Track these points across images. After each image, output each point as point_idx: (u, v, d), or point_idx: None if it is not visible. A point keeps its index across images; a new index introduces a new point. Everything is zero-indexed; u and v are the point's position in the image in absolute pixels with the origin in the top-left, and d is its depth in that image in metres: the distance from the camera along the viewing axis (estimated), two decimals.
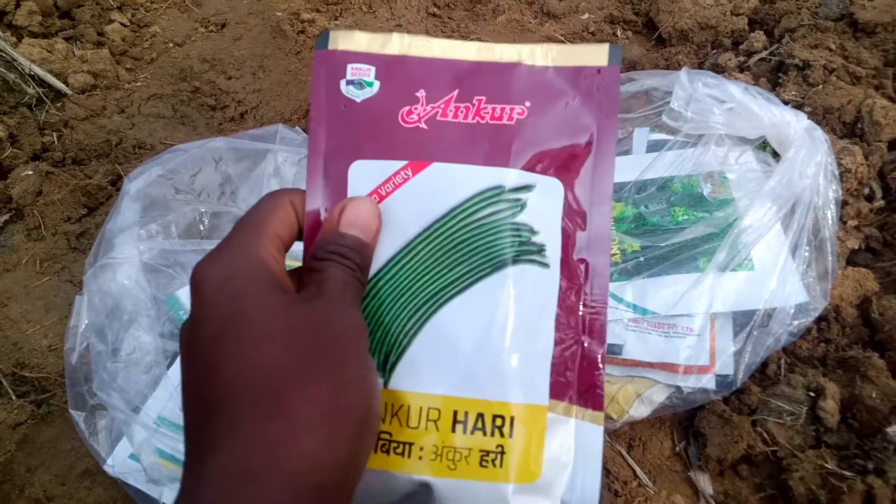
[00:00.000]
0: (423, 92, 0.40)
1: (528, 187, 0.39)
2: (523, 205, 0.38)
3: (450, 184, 0.39)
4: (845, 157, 0.85)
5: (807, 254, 0.74)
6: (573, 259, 0.39)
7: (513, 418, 0.36)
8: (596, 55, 0.40)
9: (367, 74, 0.40)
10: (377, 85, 0.40)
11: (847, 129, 0.94)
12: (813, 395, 0.71)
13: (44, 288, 0.96)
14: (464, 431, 0.36)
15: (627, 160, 0.90)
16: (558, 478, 0.37)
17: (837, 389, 0.71)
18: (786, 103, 0.81)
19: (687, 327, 0.74)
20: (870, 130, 0.91)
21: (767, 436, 0.70)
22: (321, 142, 0.40)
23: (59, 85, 1.20)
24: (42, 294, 0.95)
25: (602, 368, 0.38)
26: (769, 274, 0.73)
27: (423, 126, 0.40)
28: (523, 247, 0.38)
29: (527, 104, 0.40)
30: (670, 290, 0.75)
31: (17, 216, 1.05)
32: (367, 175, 0.39)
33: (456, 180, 0.39)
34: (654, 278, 0.77)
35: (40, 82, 1.19)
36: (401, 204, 0.39)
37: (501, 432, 0.36)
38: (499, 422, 0.36)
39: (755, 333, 0.72)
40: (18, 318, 0.92)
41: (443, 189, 0.39)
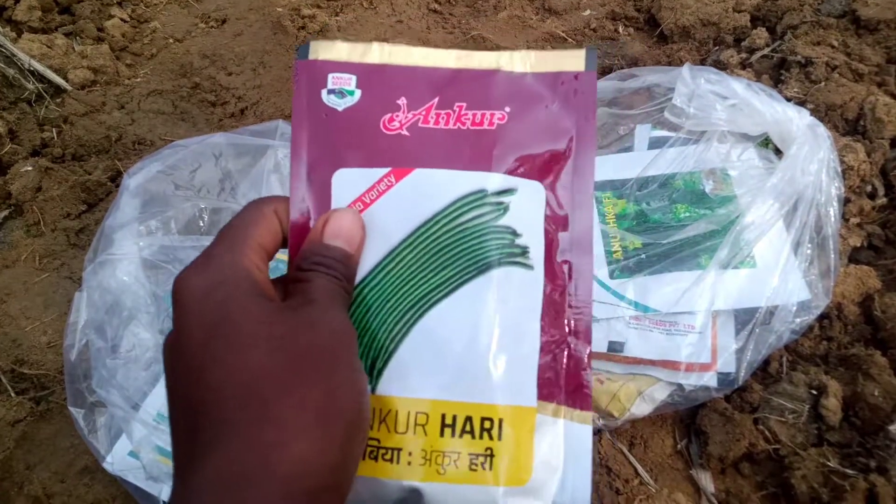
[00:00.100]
0: (404, 99, 0.40)
1: (511, 191, 0.39)
2: (506, 208, 0.39)
3: (433, 189, 0.39)
4: (848, 155, 0.85)
5: (809, 251, 0.74)
6: (557, 260, 0.39)
7: (501, 420, 0.36)
8: (573, 61, 0.40)
9: (347, 83, 0.41)
10: (358, 93, 0.40)
11: (849, 126, 0.93)
12: (815, 392, 0.71)
13: (43, 284, 0.96)
14: (452, 435, 0.36)
15: (629, 157, 0.89)
16: (549, 480, 0.37)
17: (839, 387, 0.71)
18: (788, 100, 0.81)
19: (688, 325, 0.74)
20: (872, 128, 0.91)
21: (769, 434, 0.70)
22: (303, 151, 0.40)
23: (58, 80, 1.20)
24: (41, 290, 0.95)
25: (589, 368, 0.38)
26: (771, 271, 0.73)
27: (405, 133, 0.40)
28: (507, 249, 0.38)
29: (507, 109, 0.40)
30: (672, 288, 0.75)
31: (17, 212, 1.05)
32: (350, 183, 0.39)
33: (439, 186, 0.39)
34: (655, 276, 0.76)
35: (40, 78, 1.18)
36: (385, 211, 0.39)
37: (490, 435, 0.36)
38: (487, 424, 0.36)
39: (757, 331, 0.72)
40: (17, 315, 0.92)
41: (426, 195, 0.39)
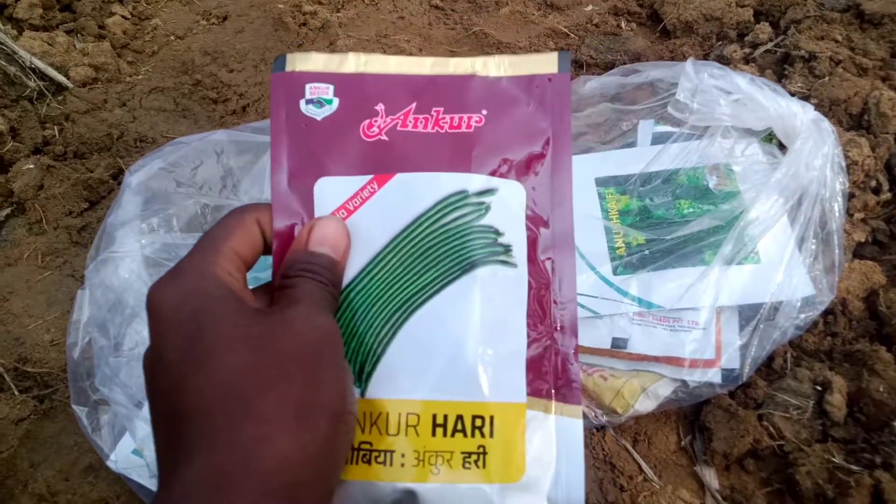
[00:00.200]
0: (381, 105, 0.41)
1: (491, 191, 0.40)
2: (487, 208, 0.39)
3: (415, 192, 0.40)
4: (852, 150, 0.85)
5: (813, 246, 0.73)
6: (540, 258, 0.40)
7: (492, 417, 0.37)
8: (546, 64, 0.41)
9: (325, 93, 0.41)
10: (336, 102, 0.41)
11: (854, 121, 0.93)
12: (819, 388, 0.71)
13: (45, 282, 0.96)
14: (444, 434, 0.36)
15: (632, 153, 0.89)
16: (543, 475, 0.37)
17: (844, 383, 0.71)
18: (792, 95, 0.81)
19: (692, 321, 0.74)
20: (877, 122, 0.90)
21: (774, 430, 0.69)
22: (283, 160, 0.41)
23: (60, 78, 1.20)
24: (44, 288, 0.95)
25: (577, 363, 0.39)
26: (775, 267, 0.73)
27: (385, 138, 0.40)
28: (490, 248, 0.39)
29: (483, 112, 0.41)
30: (676, 284, 0.74)
31: (19, 210, 1.05)
32: (333, 192, 0.40)
33: (420, 189, 0.40)
34: (659, 272, 0.76)
35: (41, 75, 1.18)
36: (368, 217, 0.39)
37: (482, 432, 0.36)
38: (478, 422, 0.36)
39: (761, 327, 0.71)
40: (20, 313, 0.92)
41: (408, 198, 0.39)
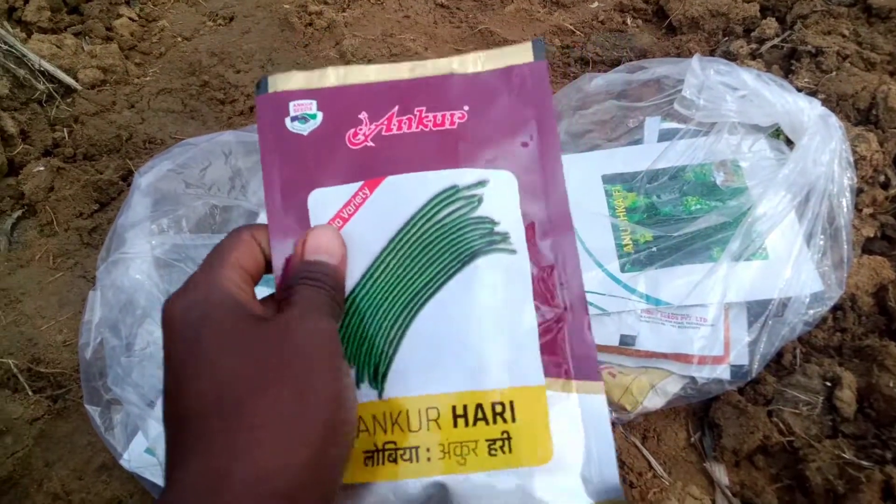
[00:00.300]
0: (364, 114, 0.42)
1: (482, 182, 0.40)
2: (480, 199, 0.40)
3: (406, 193, 0.40)
4: (860, 145, 0.85)
5: (822, 242, 0.73)
6: (539, 242, 0.40)
7: (512, 403, 0.37)
8: (522, 54, 0.42)
9: (309, 108, 0.42)
10: (321, 116, 0.42)
11: (861, 115, 0.93)
12: (829, 384, 0.71)
13: (57, 283, 0.97)
14: (466, 425, 0.37)
15: (639, 149, 0.89)
16: (573, 455, 0.37)
17: (854, 379, 0.70)
18: (799, 91, 0.80)
19: (701, 317, 0.74)
20: (885, 117, 0.90)
21: (783, 426, 0.69)
22: (276, 177, 0.41)
23: (68, 80, 1.21)
24: (56, 290, 0.96)
25: (591, 339, 0.39)
26: (784, 263, 0.73)
27: (371, 144, 0.41)
28: (487, 238, 0.39)
29: (465, 108, 0.41)
30: (683, 281, 0.74)
31: (30, 212, 1.06)
32: (326, 202, 0.41)
33: (412, 189, 0.40)
34: (666, 268, 0.76)
35: (50, 78, 1.19)
36: (364, 222, 0.40)
37: (504, 418, 0.37)
38: (499, 409, 0.37)
39: (770, 323, 0.71)
40: (33, 314, 0.93)
41: (400, 200, 0.40)
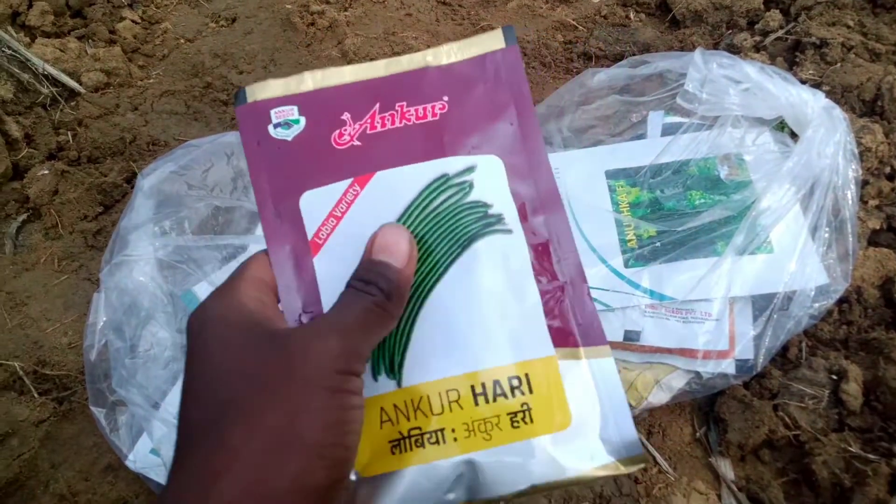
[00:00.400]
0: (347, 114, 0.42)
1: (470, 168, 0.41)
2: (470, 185, 0.41)
3: (398, 186, 0.41)
4: (865, 136, 0.84)
5: (827, 235, 0.73)
6: (532, 219, 0.41)
7: (527, 375, 0.38)
8: (493, 41, 0.43)
9: (291, 114, 0.42)
10: (303, 120, 0.42)
11: (867, 107, 0.92)
12: (835, 378, 0.70)
13: (62, 286, 0.97)
14: (486, 401, 0.38)
15: (642, 144, 0.89)
16: (590, 418, 0.38)
17: (860, 372, 0.70)
18: (803, 83, 0.80)
19: (705, 312, 0.73)
20: (890, 108, 0.89)
21: (789, 420, 0.69)
22: (265, 185, 0.42)
23: (72, 84, 1.21)
24: (61, 292, 0.96)
25: (592, 306, 0.40)
26: (789, 256, 0.72)
27: (357, 143, 0.42)
28: (482, 221, 0.40)
29: (445, 98, 0.42)
30: (688, 275, 0.74)
31: (35, 216, 1.06)
32: (318, 203, 0.41)
33: (402, 182, 0.41)
34: (670, 263, 0.76)
35: (54, 82, 1.19)
36: (359, 218, 0.41)
37: (521, 391, 0.38)
38: (515, 382, 0.38)
39: (775, 317, 0.71)
40: (38, 317, 0.93)
41: (392, 193, 0.41)
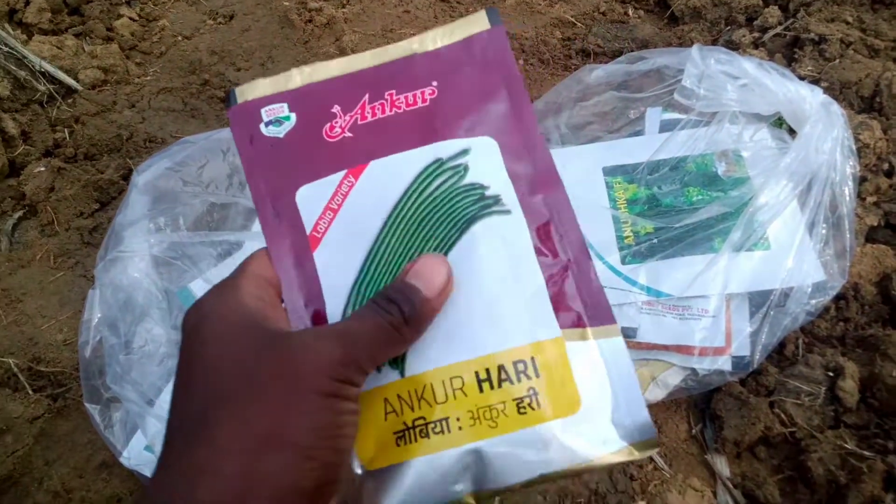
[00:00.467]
0: (337, 107, 0.42)
1: (465, 151, 0.41)
2: (466, 167, 0.40)
3: (392, 174, 0.41)
4: (863, 132, 0.84)
5: (824, 231, 0.72)
6: (531, 199, 0.40)
7: (533, 359, 0.37)
8: (477, 23, 0.43)
9: (281, 111, 0.42)
10: (294, 117, 0.42)
11: (865, 103, 0.92)
12: (832, 374, 0.70)
13: (58, 283, 0.97)
14: (491, 388, 0.37)
15: (640, 140, 0.89)
16: (601, 401, 0.37)
17: (857, 369, 0.70)
18: (802, 79, 0.79)
19: (702, 309, 0.73)
20: (889, 104, 0.89)
21: (785, 417, 0.69)
22: (261, 184, 0.42)
23: (69, 81, 1.21)
24: (56, 289, 0.96)
25: (599, 283, 0.39)
26: (786, 253, 0.72)
27: (349, 134, 0.42)
28: (480, 203, 0.40)
29: (434, 84, 0.42)
30: (685, 272, 0.74)
31: (31, 212, 1.06)
32: (314, 197, 0.41)
33: (397, 169, 0.41)
34: (667, 260, 0.75)
35: (51, 79, 1.19)
36: (355, 209, 0.40)
37: (527, 375, 0.37)
38: (521, 367, 0.37)
39: (772, 313, 0.71)
40: (34, 314, 0.93)
41: (388, 181, 0.40)
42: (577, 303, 0.39)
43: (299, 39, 1.29)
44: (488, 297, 0.38)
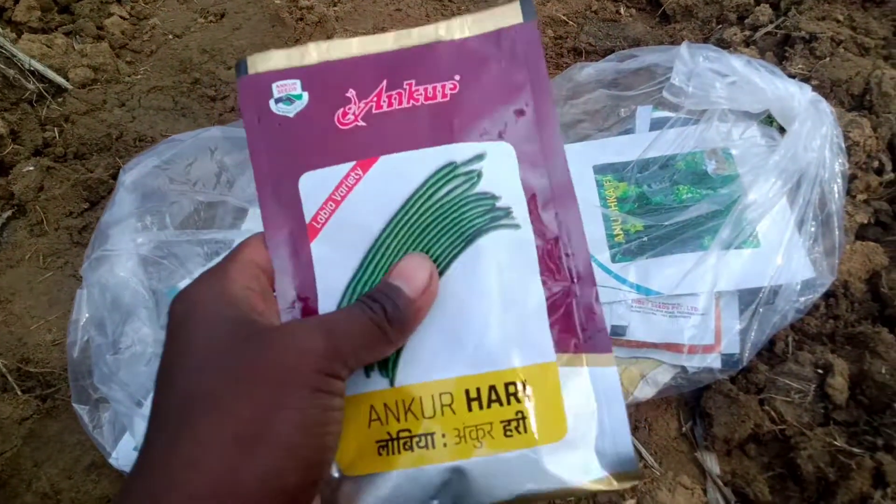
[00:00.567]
0: (352, 91, 0.40)
1: (480, 157, 0.39)
2: (479, 174, 0.39)
3: (402, 173, 0.39)
4: (853, 130, 0.84)
5: (813, 229, 0.72)
6: (542, 213, 0.39)
7: (524, 382, 0.36)
8: (511, 15, 0.40)
9: (293, 88, 0.40)
10: (306, 96, 0.40)
11: (855, 101, 0.92)
12: (821, 372, 0.70)
13: (47, 283, 0.96)
14: (480, 407, 0.36)
15: (630, 139, 0.88)
16: (587, 429, 0.37)
17: (846, 366, 0.70)
18: (793, 77, 0.79)
19: (692, 307, 0.73)
20: (879, 102, 0.89)
21: (775, 414, 0.69)
22: (265, 164, 0.40)
23: (59, 80, 1.20)
24: (46, 289, 0.96)
25: (600, 310, 0.38)
26: (775, 250, 0.72)
27: (362, 123, 0.40)
28: (490, 214, 0.38)
29: (456, 78, 0.40)
30: (674, 270, 0.74)
31: (20, 212, 1.05)
32: (318, 185, 0.39)
33: (407, 168, 0.39)
34: (657, 258, 0.75)
35: (41, 78, 1.19)
36: (359, 204, 0.39)
37: (517, 398, 0.36)
38: (512, 389, 0.36)
39: (761, 311, 0.71)
40: (23, 314, 0.92)
41: (397, 180, 0.39)
42: (575, 328, 0.38)
43: (290, 38, 1.29)
44: (487, 315, 0.37)
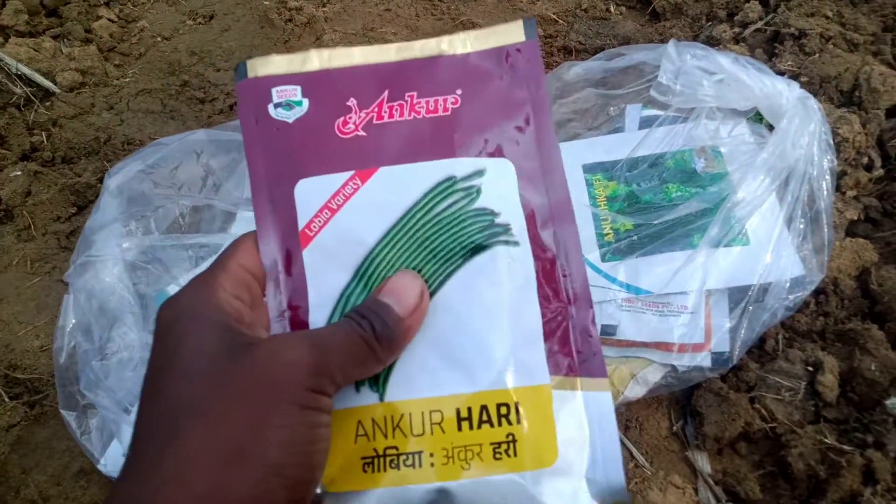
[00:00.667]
0: (353, 100, 0.40)
1: (480, 172, 0.38)
2: (478, 190, 0.38)
3: (401, 185, 0.38)
4: (842, 126, 0.83)
5: (802, 226, 0.72)
6: (541, 232, 0.39)
7: (517, 404, 0.35)
8: (513, 33, 0.41)
9: (293, 94, 0.40)
10: (306, 103, 0.40)
11: (845, 97, 0.92)
12: (811, 369, 0.70)
13: (35, 288, 0.96)
14: (470, 428, 0.35)
15: (619, 138, 0.88)
16: (578, 456, 0.36)
17: (836, 363, 0.70)
18: (782, 74, 0.79)
19: (681, 305, 0.73)
20: (868, 98, 0.89)
21: (766, 412, 0.69)
22: (261, 169, 0.39)
23: (47, 84, 1.19)
24: (33, 295, 0.95)
25: (596, 333, 0.38)
26: (764, 248, 0.72)
27: (362, 133, 0.39)
28: (488, 231, 0.38)
29: (458, 92, 0.40)
30: (663, 269, 0.73)
31: (7, 217, 1.05)
32: (313, 193, 0.39)
33: (406, 181, 0.38)
34: (647, 257, 0.75)
35: (28, 82, 1.18)
36: (355, 215, 0.38)
37: (509, 420, 0.35)
38: (504, 410, 0.35)
39: (750, 309, 0.70)
40: (10, 320, 0.92)
41: (395, 192, 0.38)
42: (570, 350, 0.37)
43: (279, 39, 1.28)
44: (482, 334, 0.36)
